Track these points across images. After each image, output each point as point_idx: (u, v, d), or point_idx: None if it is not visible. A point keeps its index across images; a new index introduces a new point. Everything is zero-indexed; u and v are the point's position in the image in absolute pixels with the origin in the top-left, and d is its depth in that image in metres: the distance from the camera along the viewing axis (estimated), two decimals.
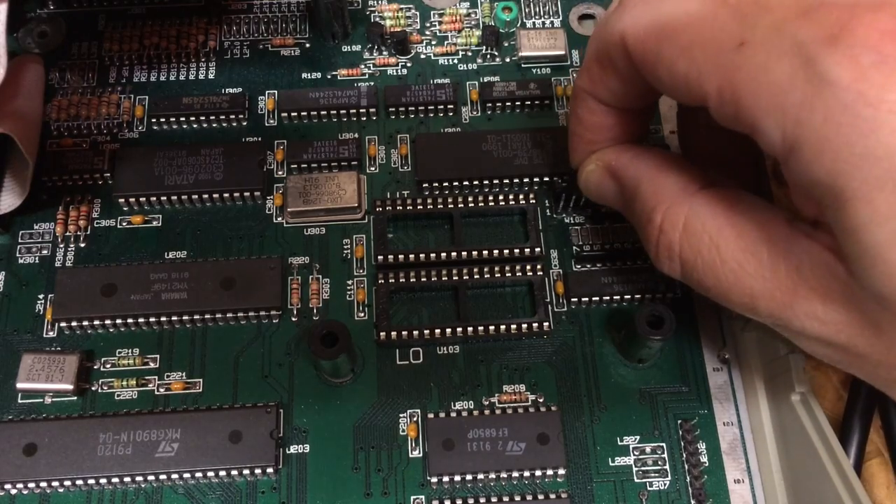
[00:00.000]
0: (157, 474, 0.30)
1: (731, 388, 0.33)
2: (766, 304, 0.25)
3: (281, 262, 0.34)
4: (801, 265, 0.23)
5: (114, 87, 0.38)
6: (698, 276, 0.26)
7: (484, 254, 0.34)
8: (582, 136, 0.31)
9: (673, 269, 0.27)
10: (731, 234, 0.25)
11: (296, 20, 0.40)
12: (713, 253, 0.25)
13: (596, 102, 0.29)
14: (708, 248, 0.26)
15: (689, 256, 0.26)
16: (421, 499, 0.31)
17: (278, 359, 0.33)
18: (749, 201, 0.26)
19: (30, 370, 0.32)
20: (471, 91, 0.38)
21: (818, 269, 0.23)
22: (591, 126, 0.30)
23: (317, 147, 0.36)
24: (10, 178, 0.34)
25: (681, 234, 0.26)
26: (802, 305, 0.23)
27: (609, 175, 0.30)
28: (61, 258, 0.34)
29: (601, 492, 0.31)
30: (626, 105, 0.29)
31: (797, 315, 0.24)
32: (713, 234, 0.25)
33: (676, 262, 0.27)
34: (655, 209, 0.27)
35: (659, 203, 0.27)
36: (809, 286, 0.23)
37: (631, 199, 0.29)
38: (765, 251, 0.24)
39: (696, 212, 0.26)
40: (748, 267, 0.25)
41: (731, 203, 0.26)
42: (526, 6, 0.40)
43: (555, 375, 0.33)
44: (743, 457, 0.32)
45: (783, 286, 0.24)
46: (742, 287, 0.25)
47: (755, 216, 0.25)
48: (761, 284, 0.24)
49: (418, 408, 0.32)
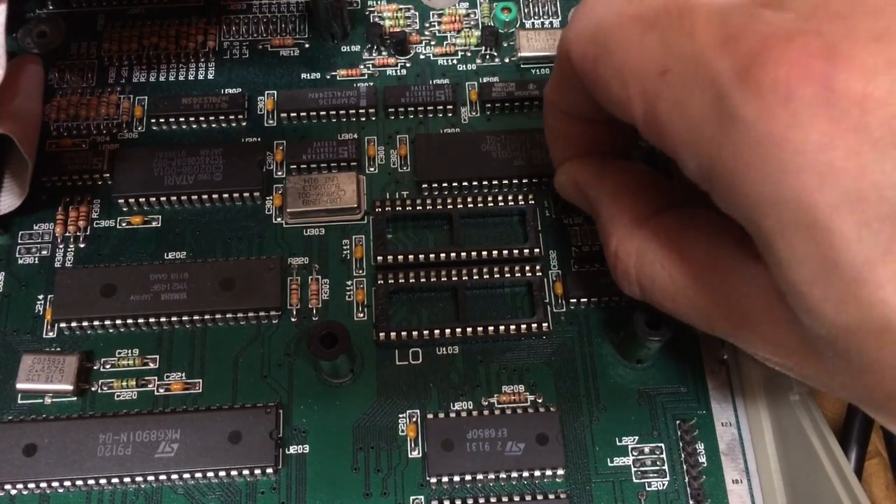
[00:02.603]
0: (157, 475, 0.30)
1: (729, 388, 0.33)
2: (721, 326, 0.25)
3: (280, 262, 0.34)
4: (748, 291, 0.23)
5: (113, 88, 0.38)
6: (657, 300, 0.27)
7: (483, 254, 0.34)
8: (553, 143, 0.31)
9: (633, 293, 0.28)
10: (681, 262, 0.25)
11: (295, 20, 0.40)
12: (666, 280, 0.26)
13: (560, 112, 0.30)
14: (660, 276, 0.26)
15: (646, 283, 0.27)
16: (420, 499, 0.31)
17: (278, 359, 0.33)
18: (699, 224, 0.26)
19: (29, 371, 0.32)
20: (470, 91, 0.38)
21: (764, 294, 0.23)
22: (559, 135, 0.31)
23: (316, 147, 0.36)
24: (9, 179, 0.34)
25: (634, 262, 0.27)
26: (754, 328, 0.24)
27: (575, 188, 0.30)
28: (61, 259, 0.34)
29: (600, 492, 0.31)
30: (586, 115, 0.29)
31: (749, 338, 0.24)
32: (664, 262, 0.26)
33: (635, 286, 0.28)
34: (610, 237, 0.28)
35: (613, 231, 0.28)
36: (759, 312, 0.23)
37: (593, 217, 0.30)
38: (714, 279, 0.24)
39: (646, 245, 0.27)
40: (700, 293, 0.25)
41: (679, 230, 0.26)
42: (525, 7, 0.40)
43: (554, 376, 0.33)
44: (741, 457, 0.32)
45: (734, 311, 0.24)
46: (699, 311, 0.25)
47: (703, 242, 0.25)
48: (715, 309, 0.25)
49: (417, 408, 0.32)
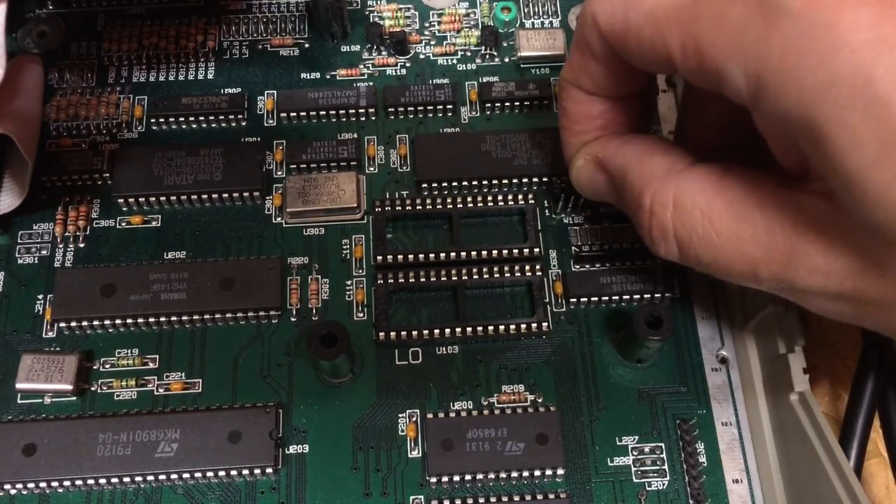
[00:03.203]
0: (157, 474, 0.30)
1: (729, 388, 0.33)
2: (767, 268, 0.24)
3: (280, 262, 0.34)
4: (795, 221, 0.23)
5: (113, 88, 0.38)
6: (695, 253, 0.26)
7: (483, 254, 0.34)
8: (570, 128, 0.31)
9: (669, 251, 0.27)
10: (722, 205, 0.25)
11: (295, 20, 0.40)
12: (707, 226, 0.25)
13: (579, 92, 0.30)
14: (701, 223, 0.26)
15: (684, 234, 0.26)
16: (420, 499, 0.31)
17: (277, 359, 0.33)
18: (737, 171, 0.26)
19: (29, 370, 0.32)
20: (470, 91, 0.38)
21: (813, 220, 0.23)
22: (577, 117, 0.31)
23: (316, 147, 0.36)
24: (9, 179, 0.34)
25: (672, 213, 0.26)
26: (803, 261, 0.23)
27: (598, 167, 0.30)
28: (60, 258, 0.34)
29: (600, 492, 0.31)
30: (608, 92, 0.29)
31: (799, 273, 0.24)
32: (704, 207, 0.25)
33: (672, 242, 0.27)
34: (643, 192, 0.27)
35: (646, 186, 0.27)
36: (807, 240, 0.23)
37: (621, 188, 0.29)
38: (758, 215, 0.24)
39: (684, 189, 0.26)
40: (744, 234, 0.25)
41: (718, 175, 0.26)
42: (525, 6, 0.40)
43: (554, 375, 0.33)
44: (741, 457, 0.32)
45: (781, 247, 0.24)
46: (741, 256, 0.25)
47: (744, 183, 0.25)
48: (759, 250, 0.24)
49: (417, 408, 0.32)
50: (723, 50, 0.22)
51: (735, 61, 0.22)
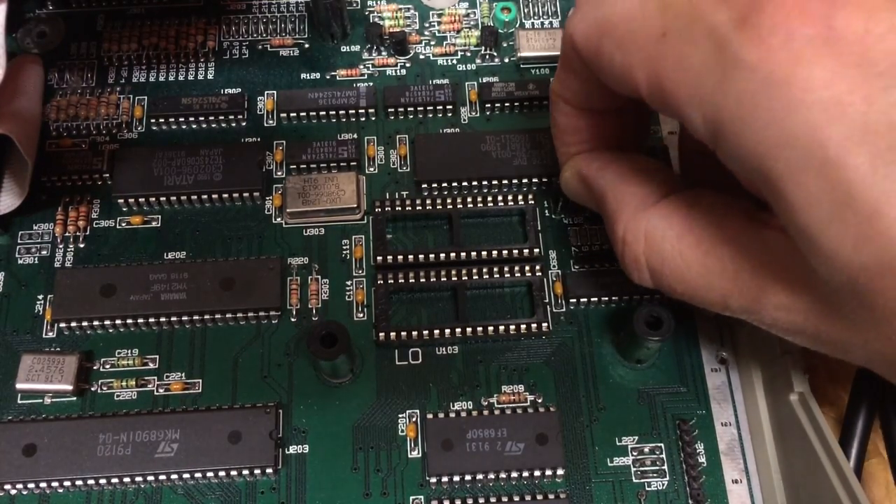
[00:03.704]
0: (157, 475, 0.30)
1: (729, 388, 0.33)
2: (736, 301, 0.25)
3: (280, 262, 0.34)
4: (762, 258, 0.23)
5: (113, 88, 0.38)
6: (668, 283, 0.27)
7: (483, 254, 0.34)
8: (560, 138, 0.31)
9: (643, 279, 0.28)
10: (692, 241, 0.25)
11: (295, 20, 0.40)
12: (677, 260, 0.26)
13: (566, 105, 0.30)
14: (671, 257, 0.26)
15: (656, 266, 0.27)
16: (420, 499, 0.31)
17: (277, 359, 0.33)
18: (707, 202, 0.26)
19: (29, 370, 0.32)
20: (470, 91, 0.38)
21: (778, 258, 0.23)
22: (565, 129, 0.31)
23: (316, 147, 0.36)
24: (9, 179, 0.34)
25: (644, 246, 0.27)
26: (770, 297, 0.24)
27: (581, 182, 0.31)
28: (60, 259, 0.34)
29: (600, 492, 0.31)
30: (590, 106, 0.29)
31: (766, 308, 0.24)
32: (674, 242, 0.26)
33: (645, 272, 0.27)
34: (617, 222, 0.28)
35: (619, 217, 0.28)
36: (774, 278, 0.23)
37: (600, 209, 0.30)
38: (725, 251, 0.25)
39: (655, 224, 0.27)
40: (713, 268, 0.25)
41: (688, 209, 0.26)
42: (525, 7, 0.40)
43: (553, 376, 0.33)
44: (741, 457, 0.32)
45: (749, 282, 0.24)
46: (712, 288, 0.25)
47: (713, 217, 0.25)
48: (728, 283, 0.25)
49: (417, 408, 0.32)
50: (683, 93, 0.22)
51: (694, 105, 0.22)
